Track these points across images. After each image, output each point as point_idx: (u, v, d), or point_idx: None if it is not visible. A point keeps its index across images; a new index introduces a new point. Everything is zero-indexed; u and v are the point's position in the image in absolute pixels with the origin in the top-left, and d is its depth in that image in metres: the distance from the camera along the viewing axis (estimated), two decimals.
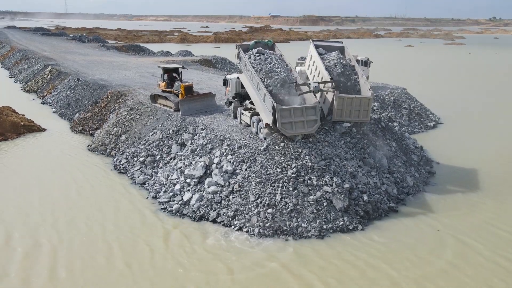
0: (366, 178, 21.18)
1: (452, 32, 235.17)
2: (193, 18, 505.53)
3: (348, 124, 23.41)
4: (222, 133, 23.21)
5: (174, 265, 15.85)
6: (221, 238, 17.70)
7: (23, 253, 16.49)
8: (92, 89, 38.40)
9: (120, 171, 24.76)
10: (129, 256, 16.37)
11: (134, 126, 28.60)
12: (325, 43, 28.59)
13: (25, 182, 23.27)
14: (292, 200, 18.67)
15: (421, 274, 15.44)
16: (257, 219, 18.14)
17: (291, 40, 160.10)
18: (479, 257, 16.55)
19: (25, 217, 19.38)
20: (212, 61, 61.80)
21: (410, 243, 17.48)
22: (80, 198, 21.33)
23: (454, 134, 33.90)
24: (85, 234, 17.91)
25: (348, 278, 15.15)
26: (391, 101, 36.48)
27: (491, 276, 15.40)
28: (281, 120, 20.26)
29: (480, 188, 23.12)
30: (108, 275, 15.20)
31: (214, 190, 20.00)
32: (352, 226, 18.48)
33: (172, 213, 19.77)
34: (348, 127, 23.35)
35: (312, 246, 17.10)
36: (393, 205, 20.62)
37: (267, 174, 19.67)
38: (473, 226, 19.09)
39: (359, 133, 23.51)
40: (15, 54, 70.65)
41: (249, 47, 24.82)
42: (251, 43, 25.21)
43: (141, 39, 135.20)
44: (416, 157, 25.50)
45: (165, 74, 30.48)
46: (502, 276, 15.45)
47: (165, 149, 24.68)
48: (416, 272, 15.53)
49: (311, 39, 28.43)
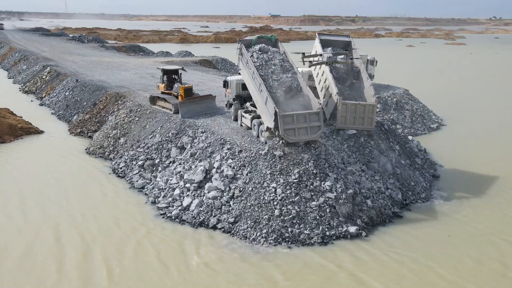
0: (370, 182, 20.72)
1: (453, 32, 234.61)
2: (193, 18, 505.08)
3: (353, 131, 22.87)
4: (222, 137, 22.75)
5: (173, 274, 15.40)
6: (220, 246, 17.24)
7: (16, 257, 16.07)
8: (90, 91, 37.95)
9: (119, 175, 24.31)
10: (126, 263, 15.93)
11: (133, 129, 28.14)
12: (331, 37, 27.65)
13: (21, 186, 22.80)
14: (295, 207, 18.19)
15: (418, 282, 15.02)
16: (258, 226, 17.67)
17: (291, 40, 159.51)
18: (472, 262, 16.13)
19: (21, 222, 18.94)
20: (212, 62, 61.32)
21: (413, 251, 17.03)
22: (76, 203, 20.86)
23: (457, 136, 33.43)
24: (80, 240, 17.46)
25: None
26: (394, 102, 36.04)
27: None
28: (284, 127, 19.60)
29: (485, 192, 22.64)
30: (100, 283, 14.76)
31: (214, 195, 19.54)
32: (356, 232, 18.02)
33: (171, 219, 19.32)
34: (351, 134, 22.87)
35: (315, 254, 16.65)
36: (398, 211, 20.18)
37: (268, 179, 19.20)
38: (479, 232, 18.65)
39: (362, 137, 23.05)
40: (14, 55, 70.18)
41: (251, 42, 23.78)
42: (253, 38, 24.10)
43: (141, 39, 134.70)
44: (420, 160, 25.04)
45: (164, 75, 29.99)
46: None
47: (164, 153, 24.23)
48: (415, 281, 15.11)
49: (317, 32, 27.39)
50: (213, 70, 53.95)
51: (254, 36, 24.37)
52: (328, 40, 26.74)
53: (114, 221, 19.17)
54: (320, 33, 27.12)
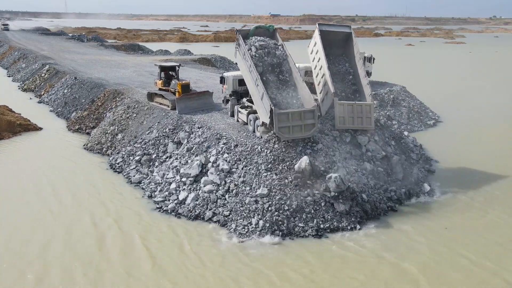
0: (366, 178, 20.85)
1: (453, 31, 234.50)
2: (193, 17, 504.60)
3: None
4: (218, 132, 22.91)
5: (169, 266, 15.57)
6: (216, 238, 17.41)
7: (15, 252, 16.23)
8: (89, 88, 38.12)
9: (116, 170, 24.47)
10: (123, 255, 16.10)
11: (130, 125, 28.31)
12: (331, 28, 27.23)
13: (19, 181, 22.98)
14: (291, 201, 18.32)
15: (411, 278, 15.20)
16: (253, 219, 17.82)
17: (291, 39, 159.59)
18: (465, 260, 16.28)
19: (21, 217, 19.11)
20: (211, 60, 61.44)
21: (405, 246, 17.19)
22: (73, 198, 21.03)
23: (454, 133, 33.55)
24: (77, 235, 17.62)
25: (343, 279, 14.89)
26: (390, 99, 36.18)
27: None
28: (279, 125, 19.76)
29: (480, 188, 22.76)
30: (102, 275, 14.92)
31: (210, 189, 19.71)
32: (350, 226, 18.18)
33: (167, 213, 19.49)
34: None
35: (309, 246, 16.81)
36: (392, 205, 20.32)
37: (264, 173, 19.36)
38: (471, 227, 18.82)
39: (359, 132, 23.15)
40: (13, 54, 70.35)
41: (249, 33, 23.58)
42: (251, 28, 23.98)
43: (141, 38, 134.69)
44: (415, 156, 25.19)
45: (162, 72, 30.16)
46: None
47: (161, 148, 24.39)
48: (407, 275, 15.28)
49: (318, 23, 27.12)
50: (211, 68, 54.11)
51: (252, 27, 24.16)
52: (328, 31, 26.41)
53: (109, 215, 19.32)
54: (320, 24, 26.78)
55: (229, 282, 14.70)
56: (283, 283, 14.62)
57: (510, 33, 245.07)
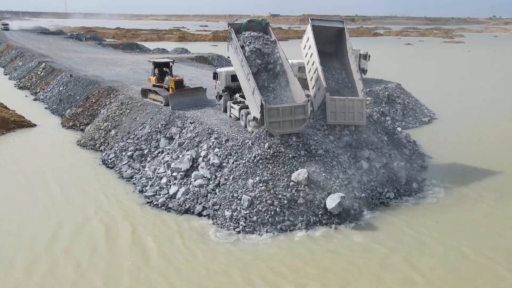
0: (360, 175, 20.75)
1: (452, 31, 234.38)
2: (193, 17, 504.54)
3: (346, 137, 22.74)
4: (210, 127, 22.87)
5: (160, 259, 15.52)
6: (206, 232, 17.37)
7: (10, 251, 16.20)
8: (84, 85, 38.09)
9: (108, 166, 24.43)
10: (113, 249, 16.07)
11: (124, 121, 28.28)
12: (324, 24, 27.19)
13: (10, 177, 22.95)
14: (282, 195, 18.24)
15: (403, 277, 15.16)
16: (243, 213, 17.76)
17: (290, 39, 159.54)
18: (455, 253, 16.25)
19: (16, 212, 19.08)
20: (208, 58, 61.48)
21: (395, 239, 17.16)
22: (64, 193, 20.98)
23: (449, 130, 33.50)
24: (68, 230, 17.57)
25: (334, 273, 14.86)
26: (385, 96, 36.11)
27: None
28: (269, 119, 19.68)
29: (472, 183, 22.68)
30: (92, 270, 14.88)
31: (200, 184, 19.67)
32: (341, 220, 18.09)
33: (157, 207, 19.45)
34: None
35: (299, 240, 16.77)
36: (384, 201, 20.23)
37: (254, 168, 19.29)
38: (462, 221, 18.79)
39: (353, 128, 23.07)
40: (10, 52, 70.37)
41: (242, 27, 23.38)
42: (243, 22, 23.68)
43: (140, 38, 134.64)
44: (408, 151, 25.16)
45: (155, 68, 30.15)
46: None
47: (153, 143, 24.36)
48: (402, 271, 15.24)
49: (310, 18, 27.09)
50: (208, 66, 54.11)
51: (244, 21, 23.89)
52: (320, 26, 26.33)
53: (99, 210, 19.27)
54: (313, 19, 26.75)
55: (220, 275, 14.63)
56: (275, 277, 14.56)
57: (510, 33, 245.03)
